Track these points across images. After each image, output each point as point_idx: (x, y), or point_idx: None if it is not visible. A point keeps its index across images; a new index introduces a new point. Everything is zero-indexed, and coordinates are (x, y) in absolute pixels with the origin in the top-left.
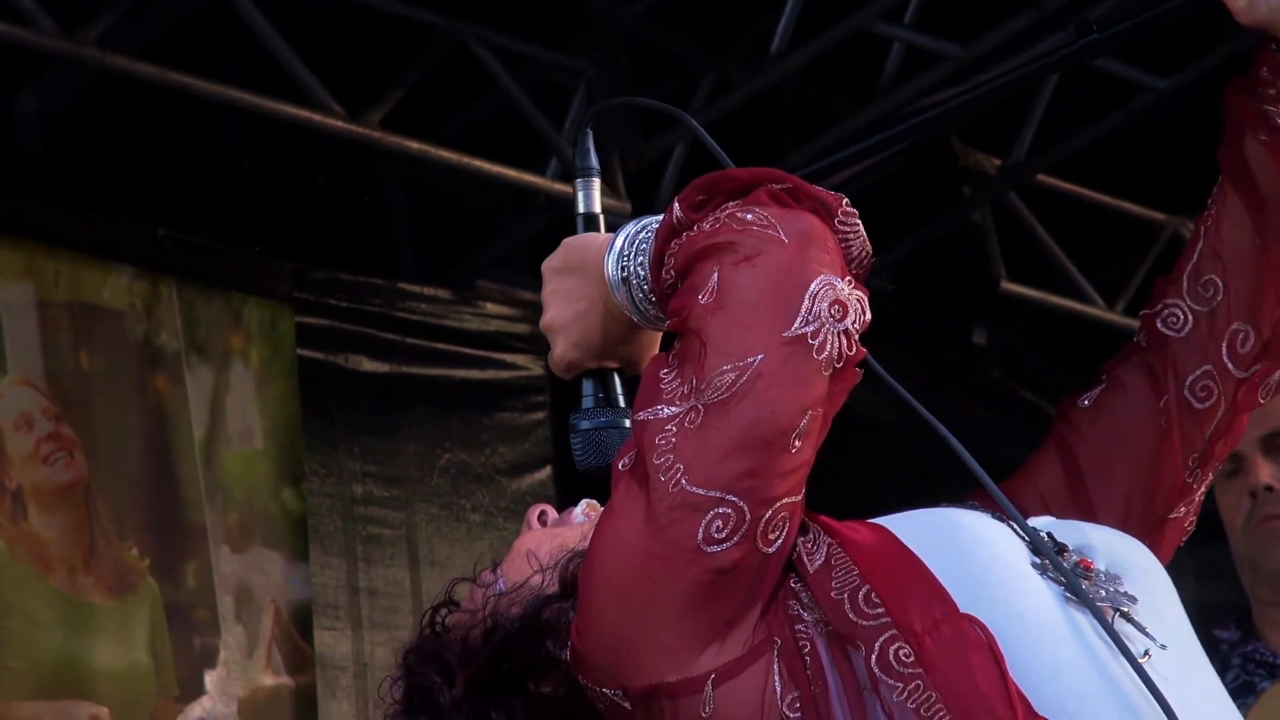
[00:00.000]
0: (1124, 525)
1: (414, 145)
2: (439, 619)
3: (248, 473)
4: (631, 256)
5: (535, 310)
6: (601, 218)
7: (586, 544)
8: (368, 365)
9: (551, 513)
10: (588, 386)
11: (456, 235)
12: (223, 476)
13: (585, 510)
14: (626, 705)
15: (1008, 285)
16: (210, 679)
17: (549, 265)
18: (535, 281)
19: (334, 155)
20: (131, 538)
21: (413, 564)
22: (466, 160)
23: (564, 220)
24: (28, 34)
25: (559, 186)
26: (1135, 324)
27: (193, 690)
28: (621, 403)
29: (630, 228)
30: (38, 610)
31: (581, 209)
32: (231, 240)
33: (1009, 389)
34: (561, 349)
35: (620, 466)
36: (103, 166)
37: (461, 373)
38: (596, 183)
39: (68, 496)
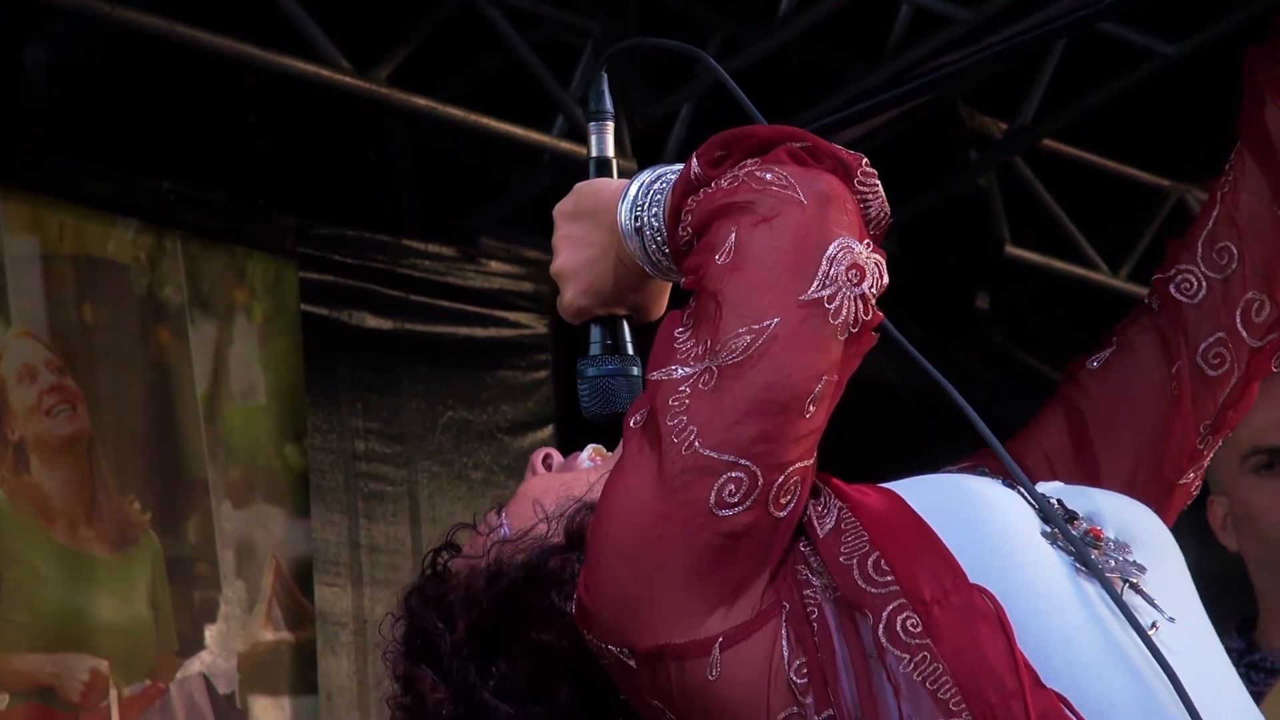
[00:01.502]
0: (1130, 488)
1: (421, 102)
2: (441, 561)
3: (250, 428)
4: (646, 206)
5: (540, 268)
6: (615, 162)
7: (593, 495)
8: (371, 322)
9: (557, 457)
10: (595, 333)
11: (462, 193)
12: (225, 431)
13: (591, 455)
14: (632, 664)
15: (1012, 249)
16: (210, 633)
17: (560, 210)
18: (540, 239)
19: (340, 111)
20: (133, 492)
21: (414, 521)
22: (473, 118)
23: (569, 178)
24: None
25: (565, 145)
26: (1140, 290)
27: (193, 645)
28: (630, 350)
29: (646, 176)
30: (39, 563)
31: (594, 152)
32: (236, 195)
33: (1012, 353)
34: (571, 295)
35: (632, 423)
36: (109, 120)
37: (465, 330)
38: (610, 126)
39: (70, 449)
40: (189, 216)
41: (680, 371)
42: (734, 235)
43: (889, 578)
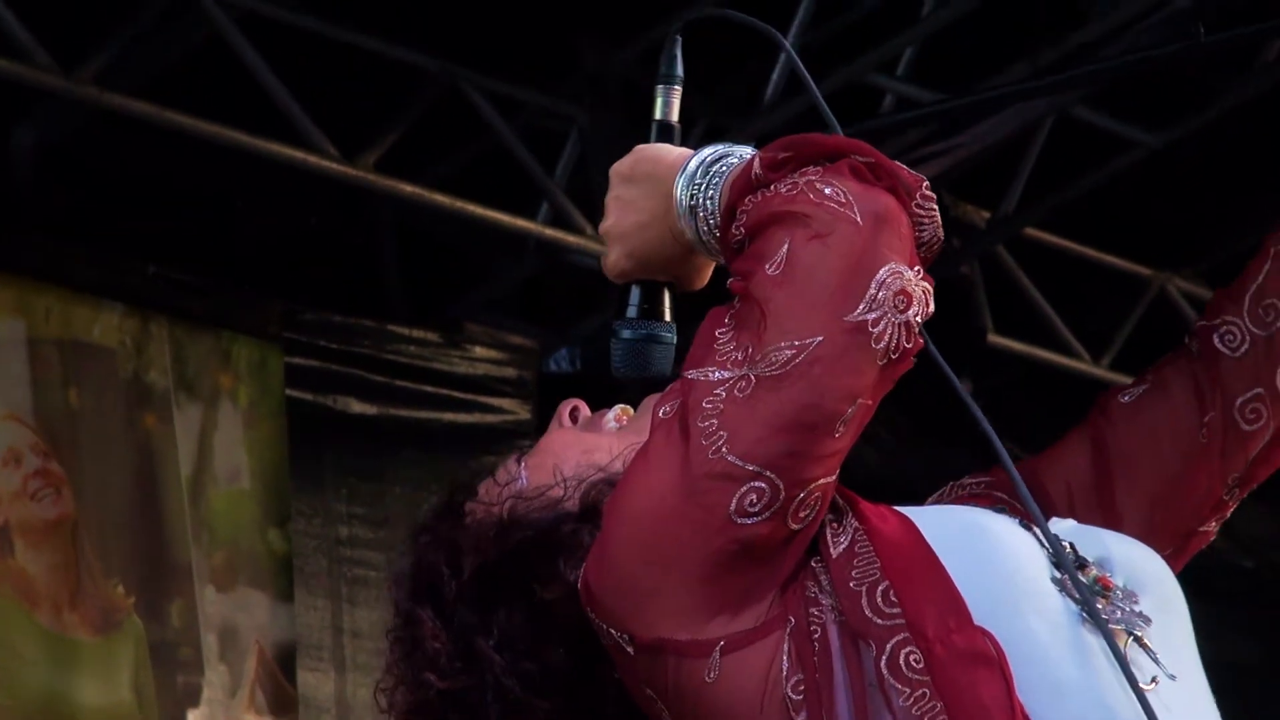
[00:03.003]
0: (1147, 527)
1: (407, 188)
2: (458, 500)
3: (234, 512)
4: (703, 188)
5: (524, 354)
6: (678, 129)
7: (614, 466)
8: (356, 407)
9: (584, 410)
10: (634, 295)
11: (447, 278)
12: (209, 515)
13: (618, 415)
14: (630, 650)
15: (994, 338)
16: (194, 718)
17: (617, 170)
18: (525, 325)
19: (327, 196)
20: (117, 575)
21: None
22: (459, 204)
23: (554, 265)
24: (25, 69)
25: (550, 231)
26: (1123, 378)
27: None
28: (668, 317)
29: (707, 153)
30: (23, 646)
31: (659, 115)
32: (222, 279)
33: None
34: (615, 257)
35: (661, 413)
36: (96, 203)
37: (449, 416)
38: (678, 92)
39: (55, 533)
40: (175, 300)
41: (717, 375)
42: (786, 247)
43: (896, 609)
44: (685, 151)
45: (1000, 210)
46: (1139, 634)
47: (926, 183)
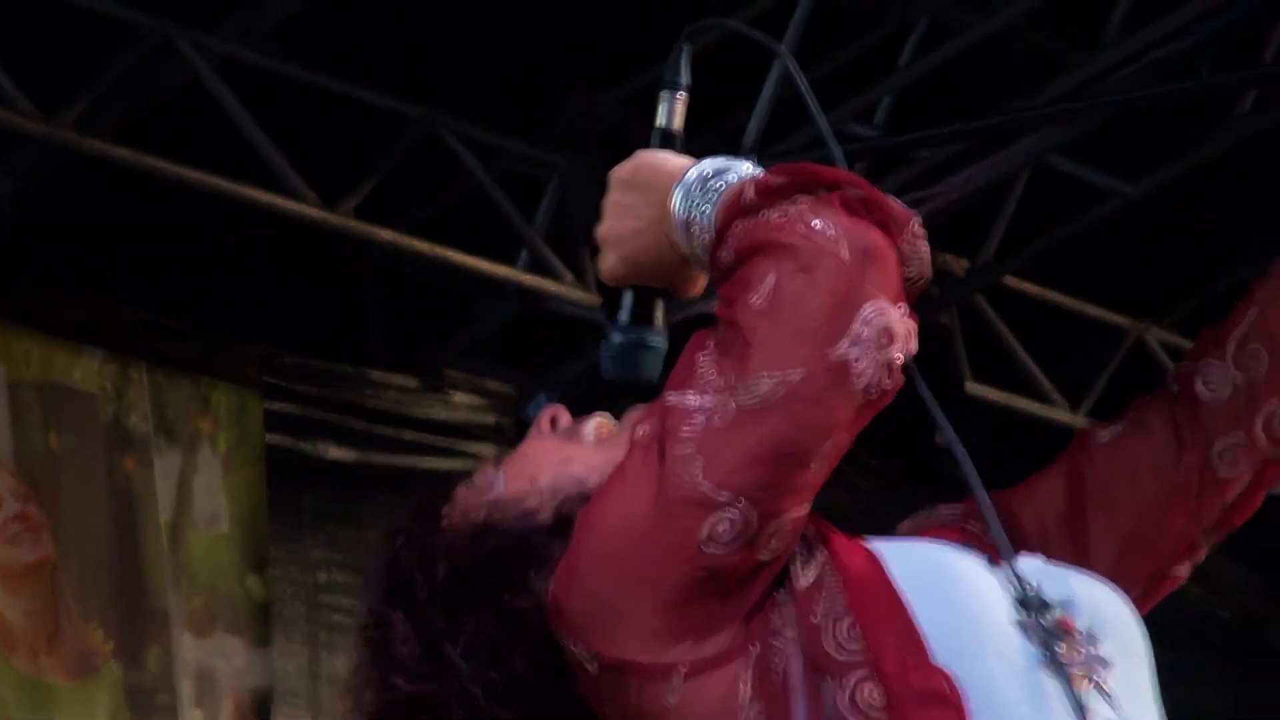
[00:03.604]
0: (1117, 566)
1: (386, 234)
2: (435, 503)
3: (213, 557)
4: (699, 203)
5: (503, 400)
6: (680, 137)
7: (590, 480)
8: (335, 452)
9: (564, 418)
10: (627, 300)
11: (426, 324)
12: (188, 560)
13: (596, 428)
14: (594, 669)
15: (972, 386)
16: None
17: (617, 174)
18: (505, 371)
19: (306, 242)
20: (96, 619)
21: None
22: (438, 250)
23: (533, 310)
24: (4, 114)
25: (529, 278)
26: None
27: None
28: (659, 323)
29: (706, 166)
30: (0, 690)
31: (661, 122)
32: (202, 324)
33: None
34: (610, 262)
35: (639, 434)
36: (77, 248)
37: (428, 461)
38: (683, 99)
39: (33, 576)
40: (155, 345)
41: (697, 400)
42: (773, 277)
43: (858, 645)
44: (686, 161)
45: (979, 259)
46: (1099, 679)
47: (918, 219)
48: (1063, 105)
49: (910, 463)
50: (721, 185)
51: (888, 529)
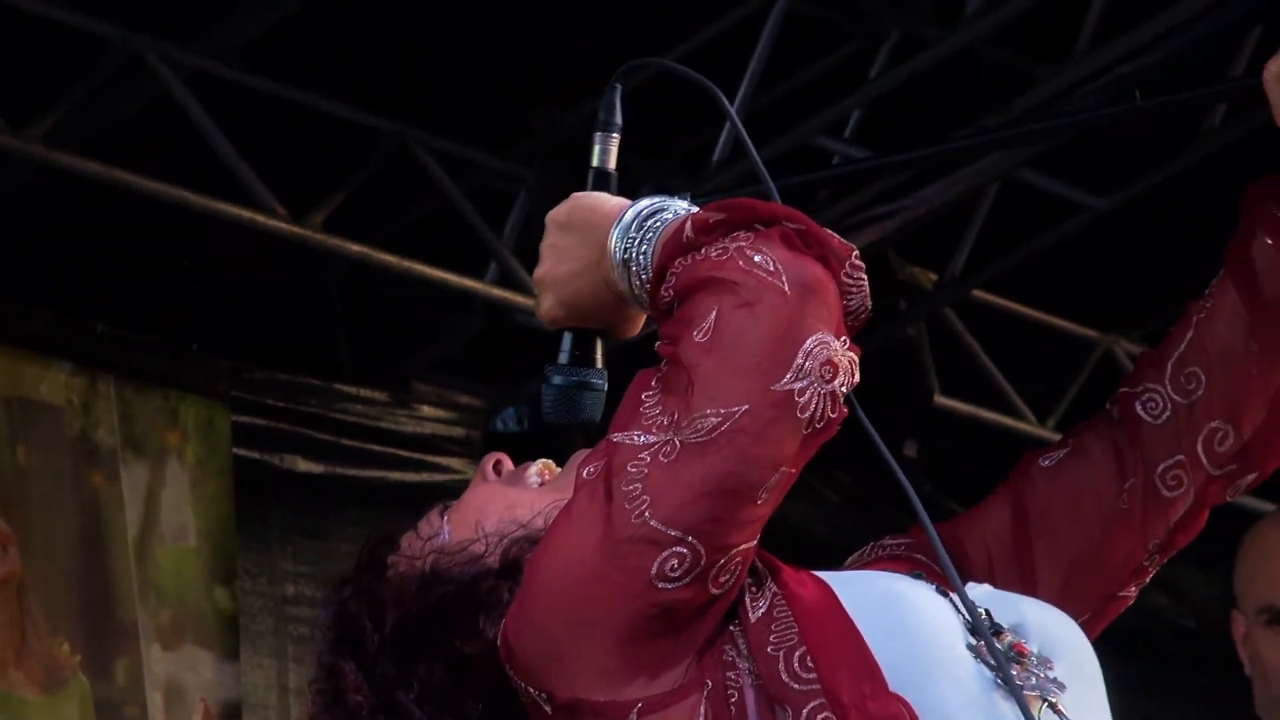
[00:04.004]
0: (1064, 591)
1: (354, 248)
2: (380, 553)
3: (180, 570)
4: (637, 242)
5: (472, 413)
6: (615, 177)
7: (537, 523)
8: (303, 465)
9: (507, 463)
10: (567, 341)
11: (395, 337)
12: (156, 574)
13: (540, 470)
14: (548, 709)
15: (941, 399)
16: None
17: (553, 217)
18: (473, 385)
19: (275, 255)
20: (63, 633)
21: None
22: (406, 264)
23: (502, 324)
24: None
25: (498, 291)
26: None
27: None
28: (599, 364)
29: (643, 205)
30: None
31: (596, 163)
32: (170, 338)
33: (940, 502)
34: (548, 305)
35: (585, 474)
36: (45, 261)
37: (396, 475)
38: (616, 139)
39: (0, 591)
40: (123, 359)
41: (642, 439)
42: (714, 314)
43: (813, 675)
44: (622, 201)
45: (947, 272)
46: (1053, 700)
47: (856, 252)
48: (1030, 126)
49: (877, 477)
50: (659, 224)
51: (855, 542)
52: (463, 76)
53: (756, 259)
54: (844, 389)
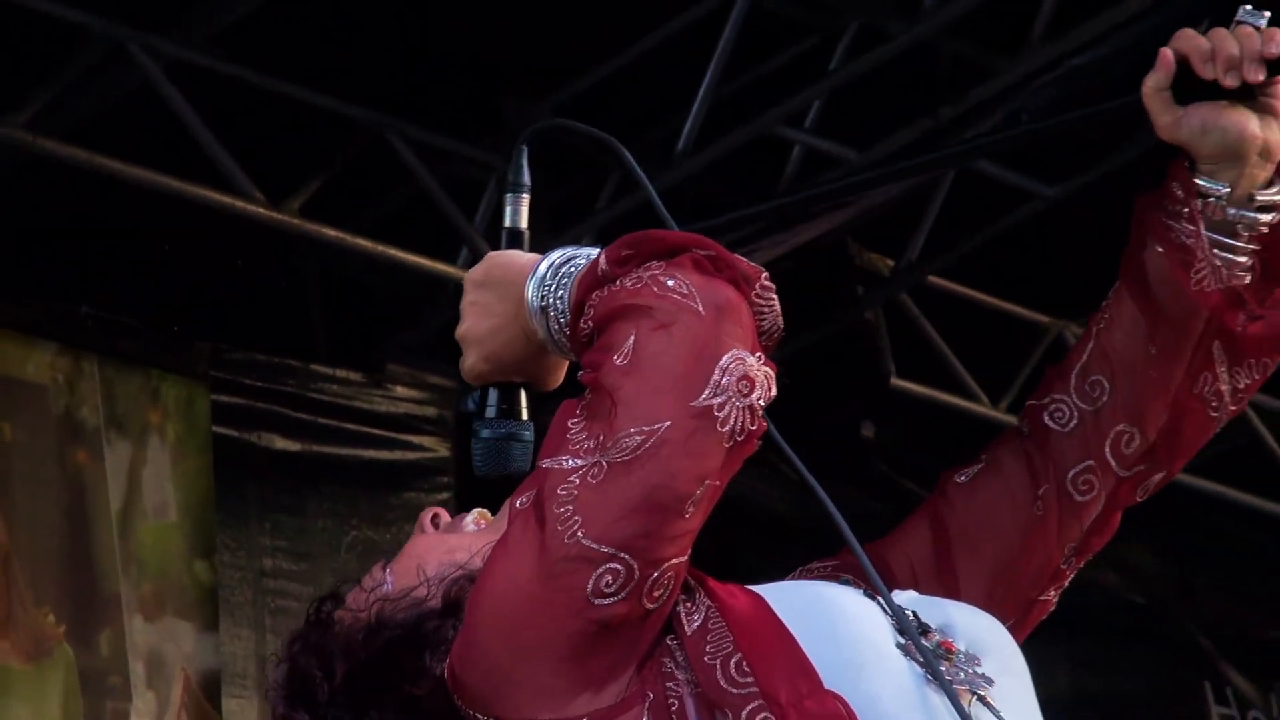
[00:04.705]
0: (988, 600)
1: (331, 233)
2: (326, 610)
3: (162, 545)
4: (553, 289)
5: (444, 394)
6: (526, 235)
7: (475, 562)
8: (280, 444)
9: (444, 516)
10: (492, 396)
11: (369, 320)
12: (138, 548)
13: (475, 519)
14: None
15: (897, 381)
16: None
17: (471, 277)
18: (445, 366)
19: (253, 240)
20: (49, 605)
21: None
22: (381, 249)
23: None
24: None
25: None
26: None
27: None
28: (524, 416)
29: (555, 256)
30: None
31: (508, 223)
32: (152, 320)
33: (895, 482)
34: (472, 360)
35: (518, 504)
36: (30, 245)
37: (370, 453)
38: (526, 200)
39: None
40: (106, 340)
41: (571, 462)
42: (633, 338)
43: (749, 679)
44: (534, 256)
45: (904, 259)
46: (982, 694)
47: (765, 274)
48: (999, 134)
49: (840, 456)
50: (572, 270)
51: (814, 520)
52: (438, 69)
53: (670, 284)
54: (762, 403)
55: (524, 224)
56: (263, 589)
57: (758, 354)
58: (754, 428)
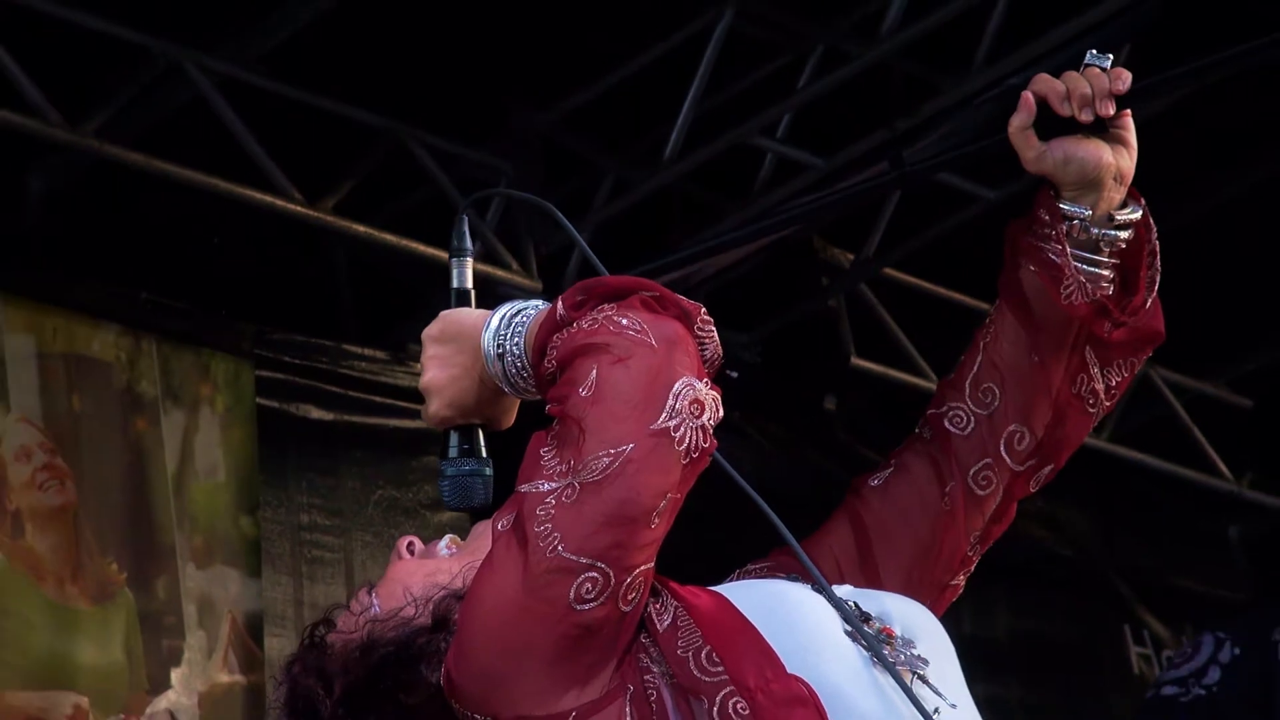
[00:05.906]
0: (907, 588)
1: (359, 228)
2: (319, 634)
3: (211, 502)
4: (508, 336)
5: None
6: (473, 293)
7: (458, 583)
8: (315, 414)
9: (419, 544)
10: (454, 438)
11: (392, 305)
12: (190, 505)
13: (449, 544)
14: None
15: (857, 361)
16: (175, 675)
17: (428, 334)
18: None
19: (292, 234)
20: (112, 554)
21: (349, 583)
22: (404, 242)
23: (484, 293)
24: (36, 124)
25: (481, 266)
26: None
27: (160, 685)
28: (484, 454)
29: (506, 309)
30: (31, 614)
31: (455, 284)
32: (203, 304)
33: (854, 449)
34: (435, 407)
35: (499, 526)
36: (96, 239)
37: (394, 422)
38: (470, 262)
39: (58, 518)
40: (163, 322)
41: (545, 486)
42: (595, 371)
43: (719, 668)
44: (483, 311)
45: (863, 253)
46: (921, 673)
47: (704, 310)
48: (957, 152)
49: (806, 426)
50: (524, 319)
51: (784, 484)
52: (452, 83)
53: (624, 322)
54: (711, 423)
55: (469, 284)
56: (300, 541)
57: (704, 379)
58: (706, 445)
